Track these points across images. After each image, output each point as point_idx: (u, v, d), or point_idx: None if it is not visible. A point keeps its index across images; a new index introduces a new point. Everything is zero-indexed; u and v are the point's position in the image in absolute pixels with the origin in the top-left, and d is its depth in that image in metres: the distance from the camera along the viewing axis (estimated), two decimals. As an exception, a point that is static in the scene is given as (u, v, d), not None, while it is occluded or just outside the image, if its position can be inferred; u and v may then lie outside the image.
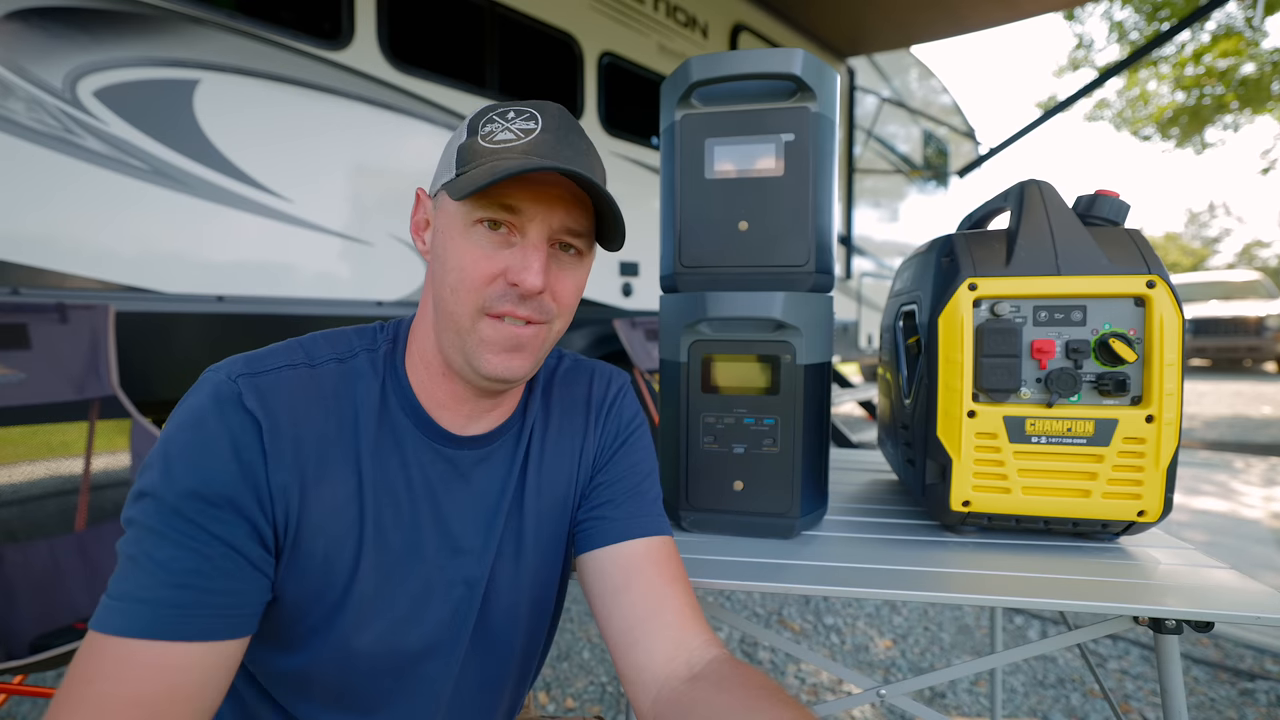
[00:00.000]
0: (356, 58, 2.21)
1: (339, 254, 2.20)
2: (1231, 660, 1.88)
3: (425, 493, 0.56)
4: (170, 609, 0.44)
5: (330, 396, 0.53)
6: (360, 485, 0.53)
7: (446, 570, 0.57)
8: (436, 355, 0.56)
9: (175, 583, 0.44)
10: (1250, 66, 8.71)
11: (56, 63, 1.64)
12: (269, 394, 0.50)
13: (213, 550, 0.46)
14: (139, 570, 0.44)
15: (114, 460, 1.48)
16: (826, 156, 0.79)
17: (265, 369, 0.51)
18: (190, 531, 0.45)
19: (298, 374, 0.52)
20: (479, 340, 0.53)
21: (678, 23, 3.53)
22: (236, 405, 0.48)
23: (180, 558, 0.45)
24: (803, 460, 0.79)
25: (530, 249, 0.53)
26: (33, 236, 1.62)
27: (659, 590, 0.57)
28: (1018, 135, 5.49)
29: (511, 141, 0.52)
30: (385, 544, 0.54)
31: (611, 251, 0.59)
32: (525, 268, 0.52)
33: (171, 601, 0.44)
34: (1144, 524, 0.73)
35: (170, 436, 0.47)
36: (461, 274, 0.52)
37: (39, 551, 1.28)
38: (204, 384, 0.49)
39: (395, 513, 0.55)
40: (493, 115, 0.54)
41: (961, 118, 7.19)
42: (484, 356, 0.53)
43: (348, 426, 0.53)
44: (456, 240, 0.53)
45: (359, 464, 0.53)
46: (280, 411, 0.50)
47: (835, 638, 2.05)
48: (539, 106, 0.55)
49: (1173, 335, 0.69)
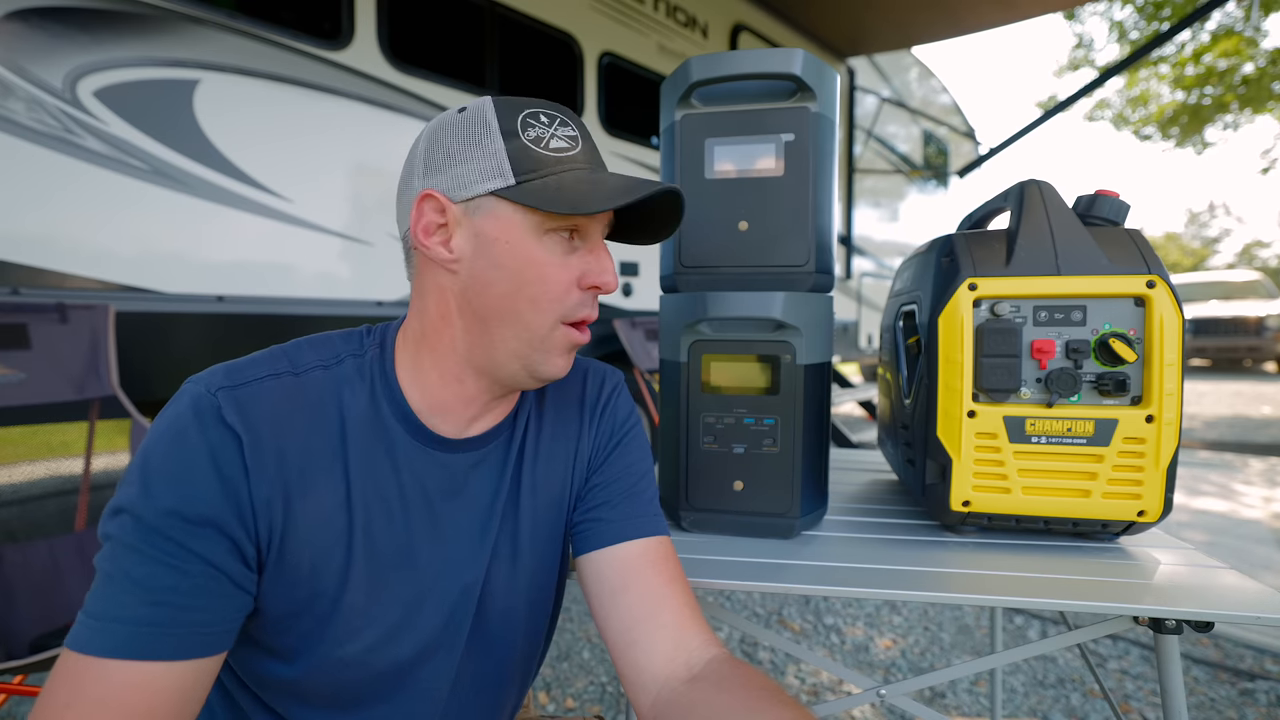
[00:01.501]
0: (356, 58, 2.21)
1: (339, 254, 2.20)
2: (1231, 660, 1.88)
3: (417, 498, 0.56)
4: (148, 628, 0.43)
5: (315, 405, 0.52)
6: (349, 494, 0.52)
7: (441, 575, 0.57)
8: (461, 363, 0.55)
9: (153, 600, 0.44)
10: (1250, 67, 8.71)
11: (56, 63, 1.63)
12: (250, 406, 0.49)
13: (192, 568, 0.45)
14: (116, 588, 0.44)
15: (114, 460, 1.48)
16: (826, 156, 0.79)
17: (246, 380, 0.50)
18: (169, 550, 0.44)
19: (281, 383, 0.51)
20: (552, 347, 0.54)
21: (678, 23, 3.53)
22: (216, 420, 0.47)
23: (159, 575, 0.44)
24: (803, 460, 0.79)
25: (601, 251, 0.55)
26: (33, 236, 1.62)
27: (657, 591, 0.57)
28: (1018, 135, 5.49)
29: (567, 150, 0.53)
30: (376, 551, 0.53)
31: (658, 243, 0.64)
32: (603, 270, 0.54)
33: (149, 620, 0.43)
34: (1144, 524, 0.73)
35: (149, 451, 0.46)
36: (544, 285, 0.52)
37: (39, 551, 1.28)
38: (183, 396, 0.48)
39: (387, 520, 0.54)
40: (526, 118, 0.53)
41: (961, 118, 7.19)
42: (551, 361, 0.55)
43: (334, 435, 0.52)
44: (529, 249, 0.52)
45: (347, 472, 0.52)
46: (262, 424, 0.49)
47: (835, 638, 2.04)
48: (561, 110, 0.55)
49: (1173, 335, 0.69)
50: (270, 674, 0.54)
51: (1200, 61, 8.94)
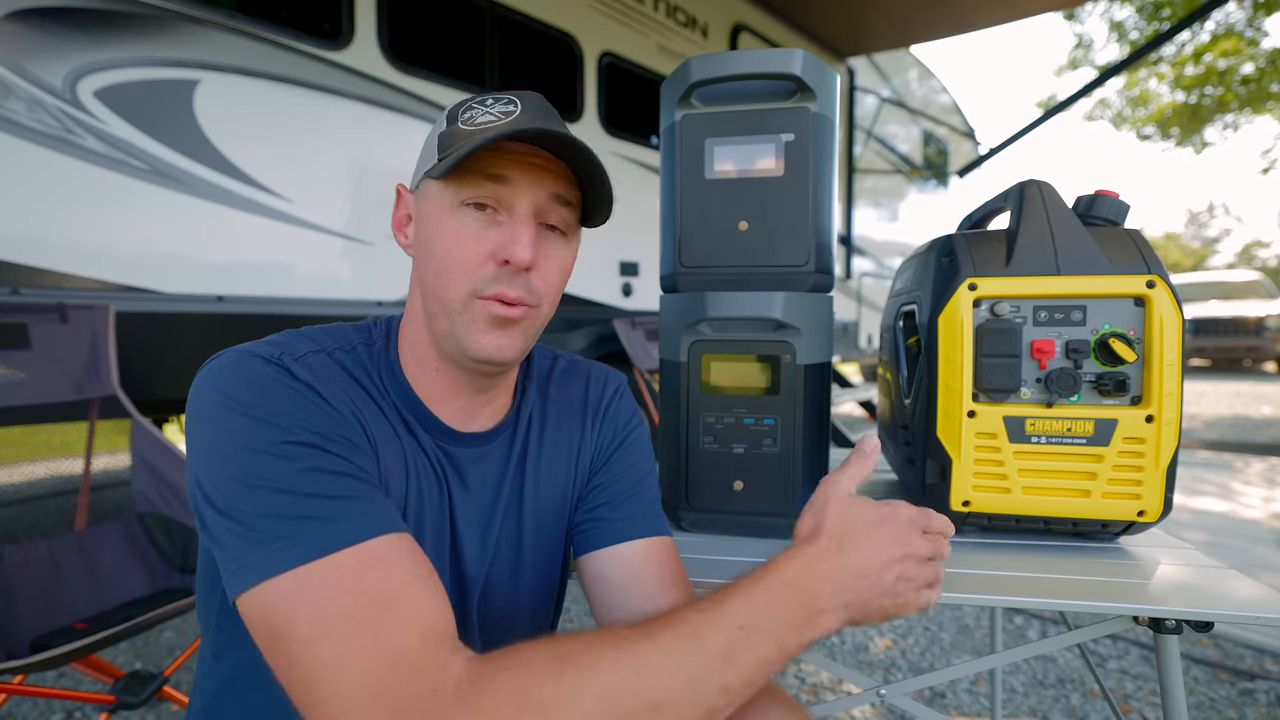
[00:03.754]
0: (356, 58, 2.21)
1: (339, 254, 2.20)
2: (1231, 660, 1.88)
3: (424, 488, 0.56)
4: (364, 505, 0.44)
5: (356, 381, 0.54)
6: (406, 464, 0.54)
7: (444, 569, 0.57)
8: (430, 347, 0.56)
9: (343, 493, 0.44)
10: (1250, 66, 8.71)
11: (56, 63, 1.63)
12: (316, 372, 0.50)
13: (356, 468, 0.46)
14: (297, 503, 0.42)
15: (114, 460, 1.48)
16: (826, 156, 0.79)
17: (297, 354, 0.51)
18: (328, 457, 0.45)
19: (325, 359, 0.52)
20: (469, 322, 0.52)
21: (678, 23, 3.53)
22: (292, 375, 0.48)
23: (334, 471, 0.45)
24: (803, 460, 0.79)
25: (519, 223, 0.52)
26: (33, 236, 1.62)
27: (658, 591, 0.57)
28: (1018, 135, 5.49)
29: (493, 122, 0.52)
30: (417, 527, 0.55)
31: (596, 226, 0.59)
32: (514, 241, 0.51)
33: (346, 512, 0.43)
34: (1144, 524, 0.73)
35: (236, 400, 0.45)
36: (450, 257, 0.52)
37: (39, 551, 1.28)
38: (239, 360, 0.48)
39: (421, 500, 0.55)
40: (471, 103, 0.54)
41: (961, 118, 7.19)
42: (474, 338, 0.53)
43: (379, 409, 0.54)
44: (444, 224, 0.52)
45: (401, 443, 0.54)
46: (333, 389, 0.50)
47: (835, 638, 2.04)
48: (518, 93, 0.55)
49: (1173, 335, 0.69)
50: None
51: (1200, 61, 8.93)
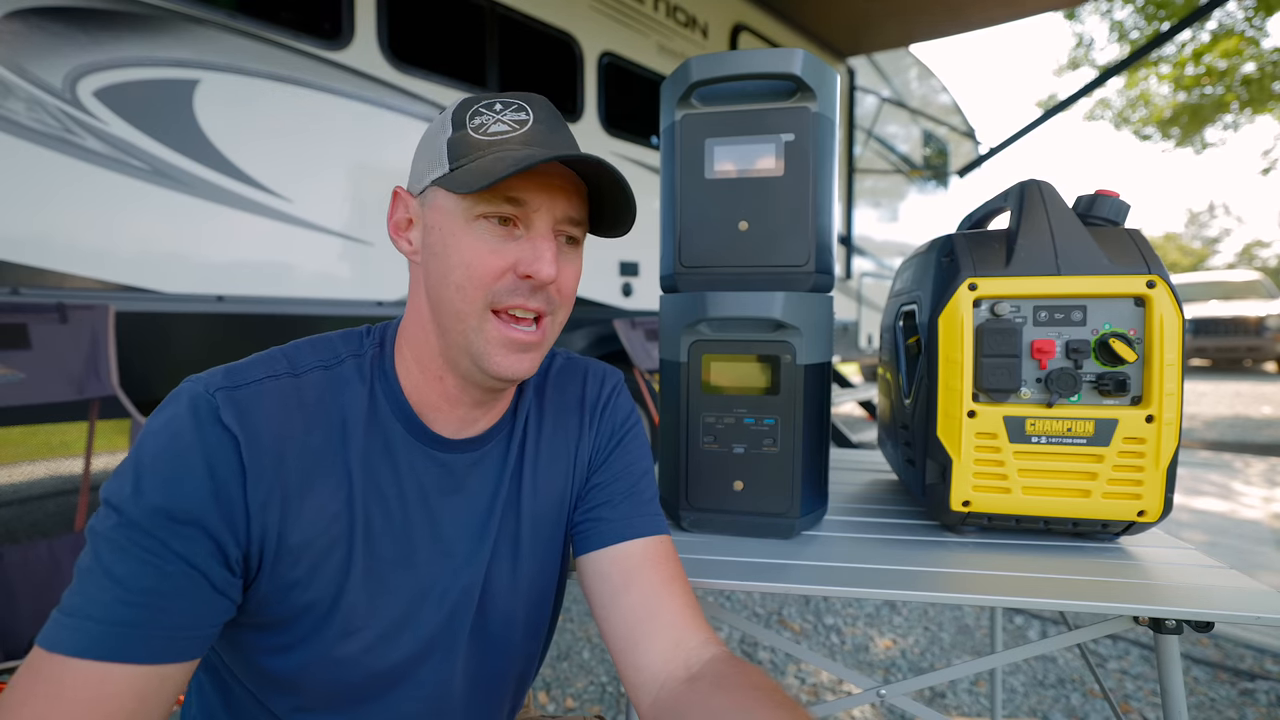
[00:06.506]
0: (356, 57, 2.21)
1: (339, 254, 2.20)
2: (1231, 660, 1.88)
3: (418, 498, 0.56)
4: (120, 628, 0.42)
5: (315, 406, 0.52)
6: (350, 494, 0.52)
7: (441, 576, 0.57)
8: (435, 357, 0.56)
9: (129, 600, 0.43)
10: (1250, 66, 8.71)
11: (56, 63, 1.63)
12: (249, 408, 0.48)
13: (172, 568, 0.44)
14: (93, 585, 0.43)
15: (114, 460, 1.48)
16: (826, 156, 0.79)
17: (245, 382, 0.50)
18: (152, 548, 0.43)
19: (280, 385, 0.51)
20: (486, 340, 0.52)
21: (678, 23, 3.53)
22: (214, 420, 0.47)
23: (138, 574, 0.43)
24: (803, 460, 0.79)
25: (540, 240, 0.52)
26: (33, 236, 1.62)
27: (657, 591, 0.57)
28: (1018, 135, 5.49)
29: (507, 133, 0.52)
30: (376, 552, 0.53)
31: (618, 236, 0.59)
32: (538, 258, 0.51)
33: (122, 620, 0.42)
34: (1144, 524, 0.73)
35: (142, 449, 0.46)
36: (469, 270, 0.51)
37: (39, 551, 1.28)
38: (181, 396, 0.48)
39: (386, 520, 0.54)
40: (479, 108, 0.53)
41: (961, 117, 7.19)
42: (492, 357, 0.53)
43: (335, 435, 0.52)
44: (461, 236, 0.52)
45: (349, 473, 0.52)
46: (260, 426, 0.48)
47: (835, 638, 2.04)
48: (525, 98, 0.55)
49: (1173, 335, 0.69)
50: (269, 673, 0.54)
51: (1200, 61, 8.93)
